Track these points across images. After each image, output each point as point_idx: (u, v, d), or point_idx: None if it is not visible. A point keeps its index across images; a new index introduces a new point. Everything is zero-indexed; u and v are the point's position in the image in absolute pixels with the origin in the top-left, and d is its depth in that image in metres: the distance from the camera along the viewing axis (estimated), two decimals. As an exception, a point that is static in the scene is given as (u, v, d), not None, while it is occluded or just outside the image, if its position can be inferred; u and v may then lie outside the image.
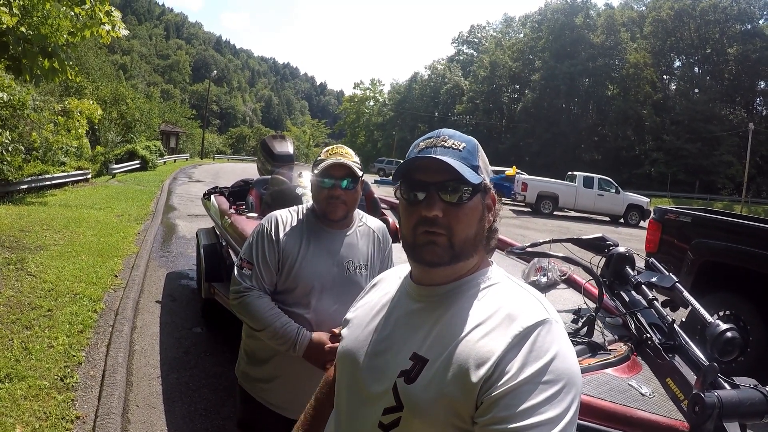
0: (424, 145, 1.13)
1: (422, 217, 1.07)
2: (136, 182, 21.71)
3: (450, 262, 1.08)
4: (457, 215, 1.07)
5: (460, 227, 1.07)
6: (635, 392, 2.33)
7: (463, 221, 1.08)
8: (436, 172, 1.07)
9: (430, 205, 1.07)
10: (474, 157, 1.12)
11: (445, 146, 1.10)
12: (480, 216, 1.11)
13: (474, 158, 1.12)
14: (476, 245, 1.12)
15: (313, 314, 2.12)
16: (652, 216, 6.86)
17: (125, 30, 7.56)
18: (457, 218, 1.07)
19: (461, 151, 1.10)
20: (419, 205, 1.08)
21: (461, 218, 1.07)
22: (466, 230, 1.08)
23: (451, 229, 1.07)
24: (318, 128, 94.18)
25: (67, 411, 3.67)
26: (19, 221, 9.67)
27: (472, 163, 1.11)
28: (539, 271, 3.59)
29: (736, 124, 52.08)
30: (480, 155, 1.14)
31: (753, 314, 5.36)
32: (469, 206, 1.08)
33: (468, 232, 1.09)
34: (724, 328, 2.46)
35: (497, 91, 70.89)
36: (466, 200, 1.07)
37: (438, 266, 1.09)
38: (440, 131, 1.15)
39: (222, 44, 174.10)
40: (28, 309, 5.37)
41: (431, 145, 1.12)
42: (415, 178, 1.10)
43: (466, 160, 1.10)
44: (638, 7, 68.29)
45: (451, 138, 1.12)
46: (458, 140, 1.12)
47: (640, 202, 23.11)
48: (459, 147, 1.11)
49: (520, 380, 0.92)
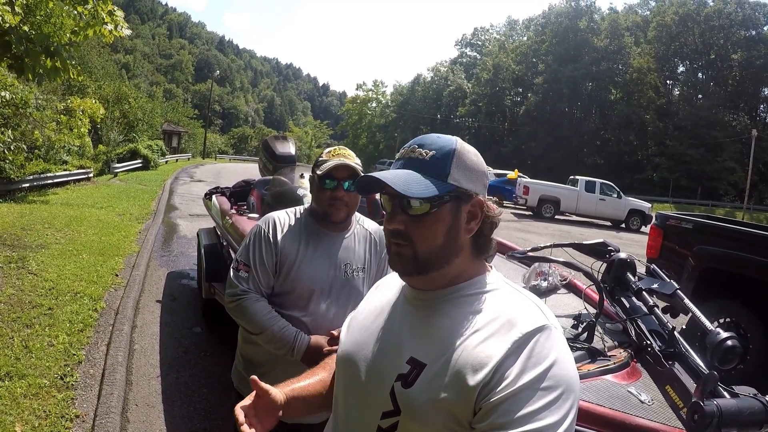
0: (399, 155, 1.13)
1: (386, 228, 1.11)
2: (137, 181, 21.72)
3: (418, 272, 1.09)
4: (417, 227, 1.07)
5: (422, 239, 1.07)
6: (634, 399, 2.33)
7: (425, 233, 1.07)
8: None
9: (392, 217, 1.09)
10: (443, 165, 1.07)
11: (411, 157, 1.10)
12: (449, 226, 1.08)
13: (443, 166, 1.07)
14: (447, 256, 1.09)
15: (311, 318, 2.09)
16: (653, 222, 6.84)
17: (128, 30, 7.58)
18: (417, 230, 1.07)
19: (428, 160, 1.07)
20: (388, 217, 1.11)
21: (422, 230, 1.07)
22: (430, 242, 1.07)
23: (412, 241, 1.07)
24: (320, 129, 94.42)
25: (66, 409, 3.68)
26: (21, 219, 9.69)
27: (439, 171, 1.07)
28: (540, 275, 3.60)
29: (740, 130, 51.95)
30: (455, 161, 1.08)
31: (753, 322, 5.34)
32: (430, 218, 1.06)
33: (432, 243, 1.07)
34: (724, 337, 2.45)
35: (500, 94, 70.81)
36: (427, 212, 1.06)
37: (407, 275, 1.12)
38: (417, 139, 1.13)
39: (225, 44, 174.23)
40: (28, 307, 5.38)
41: (402, 156, 1.12)
42: (385, 191, 1.11)
43: (428, 170, 1.07)
44: (642, 12, 68.31)
45: (421, 146, 1.09)
46: (428, 148, 1.09)
47: (642, 208, 23.05)
48: (425, 156, 1.08)
49: (518, 386, 0.92)
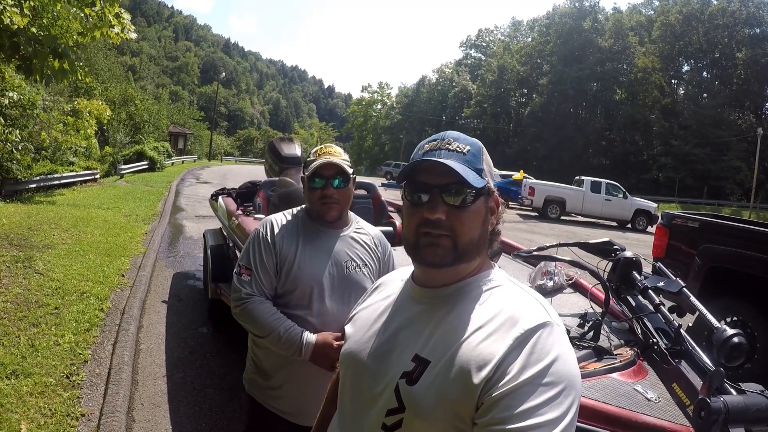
0: (429, 148, 1.13)
1: (425, 219, 1.08)
2: (144, 183, 21.80)
3: (453, 263, 1.09)
4: (461, 218, 1.07)
5: (464, 230, 1.08)
6: (641, 397, 2.32)
7: (467, 224, 1.08)
8: (439, 175, 1.08)
9: (433, 207, 1.07)
10: (478, 160, 1.12)
11: (450, 149, 1.11)
12: (483, 219, 1.12)
13: (478, 161, 1.12)
14: (479, 247, 1.12)
15: (316, 316, 2.07)
16: (659, 221, 6.81)
17: (134, 33, 7.61)
18: (460, 221, 1.07)
19: (465, 154, 1.11)
20: (422, 207, 1.09)
21: (465, 221, 1.08)
22: (470, 233, 1.09)
23: (454, 231, 1.07)
24: (326, 131, 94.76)
25: (72, 408, 3.69)
26: (28, 220, 9.73)
27: (476, 166, 1.11)
28: (546, 275, 3.59)
29: (745, 129, 51.84)
30: (484, 158, 1.15)
31: (760, 321, 5.32)
32: (472, 209, 1.09)
33: (472, 234, 1.09)
34: (730, 334, 2.44)
35: (505, 95, 70.86)
36: (469, 203, 1.08)
37: (440, 267, 1.09)
38: (445, 134, 1.15)
39: (230, 47, 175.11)
40: (35, 307, 5.40)
41: (436, 147, 1.12)
42: (419, 180, 1.10)
43: (470, 163, 1.10)
44: (646, 11, 68.30)
45: (456, 141, 1.13)
46: (463, 143, 1.12)
47: (648, 208, 22.97)
48: (464, 150, 1.11)
49: (520, 381, 0.92)
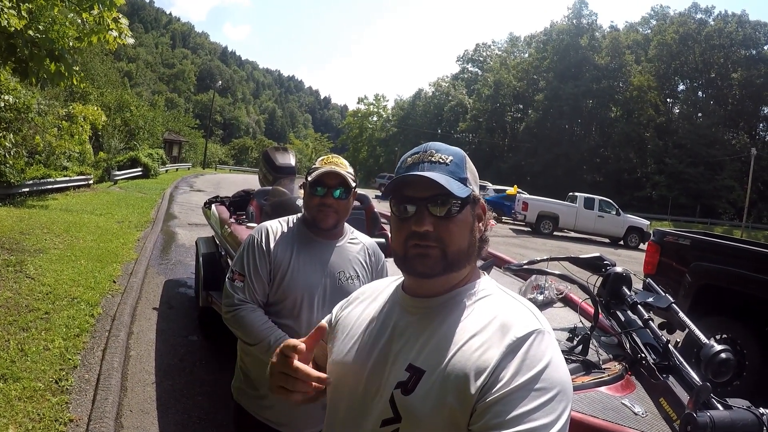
0: (412, 161, 1.14)
1: (412, 231, 1.09)
2: (137, 189, 21.73)
3: (443, 272, 1.09)
4: (448, 228, 1.08)
5: (453, 239, 1.09)
6: (628, 411, 2.33)
7: (455, 233, 1.09)
8: (424, 188, 1.08)
9: (420, 220, 1.08)
10: (461, 170, 1.13)
11: (432, 161, 1.11)
12: (471, 227, 1.13)
13: (461, 170, 1.13)
14: (469, 255, 1.13)
15: (306, 326, 2.04)
16: (651, 238, 6.85)
17: (131, 38, 7.62)
18: (448, 231, 1.08)
19: (448, 164, 1.12)
20: (409, 221, 1.09)
21: (452, 231, 1.09)
22: (459, 242, 1.10)
23: (443, 242, 1.08)
24: (321, 142, 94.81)
25: (60, 413, 3.67)
26: (20, 224, 9.68)
27: (460, 175, 1.12)
28: (536, 289, 3.60)
29: (739, 149, 52.24)
30: (467, 167, 1.15)
31: (749, 338, 5.35)
32: (459, 219, 1.09)
33: (461, 243, 1.10)
34: (718, 350, 2.46)
35: (501, 110, 71.22)
36: (455, 213, 1.09)
37: (430, 277, 1.10)
38: (427, 145, 1.16)
39: (227, 55, 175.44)
40: (25, 311, 5.37)
41: (419, 160, 1.13)
42: (404, 194, 1.11)
43: (453, 173, 1.11)
44: (643, 30, 68.93)
45: (438, 152, 1.13)
46: (445, 154, 1.13)
47: (641, 225, 23.06)
48: (446, 161, 1.12)
49: (512, 387, 0.93)
